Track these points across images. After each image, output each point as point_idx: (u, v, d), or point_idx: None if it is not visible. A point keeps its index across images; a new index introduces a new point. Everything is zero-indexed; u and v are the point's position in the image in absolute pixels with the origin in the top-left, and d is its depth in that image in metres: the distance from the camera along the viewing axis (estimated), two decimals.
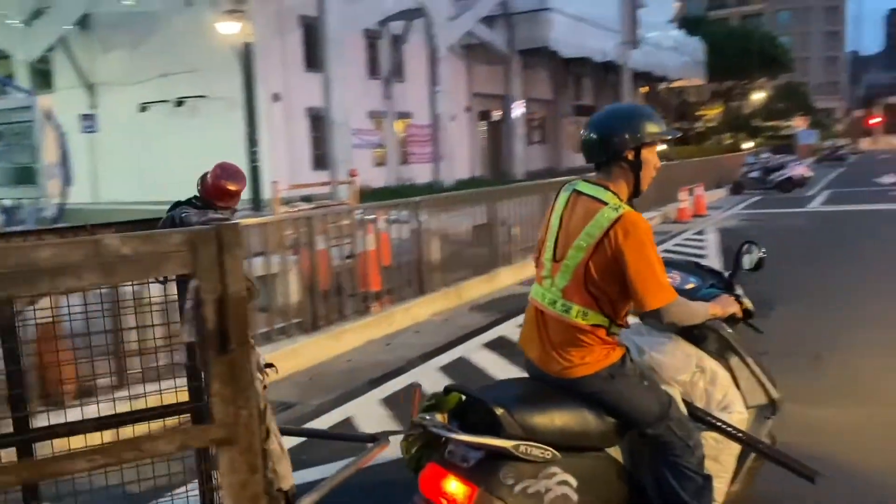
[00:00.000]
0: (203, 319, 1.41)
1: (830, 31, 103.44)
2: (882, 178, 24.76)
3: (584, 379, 2.41)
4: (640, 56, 34.40)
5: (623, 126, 2.49)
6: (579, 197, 2.51)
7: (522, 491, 2.26)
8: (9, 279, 1.26)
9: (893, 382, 4.78)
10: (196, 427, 1.59)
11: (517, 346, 2.76)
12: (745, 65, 58.65)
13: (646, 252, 2.34)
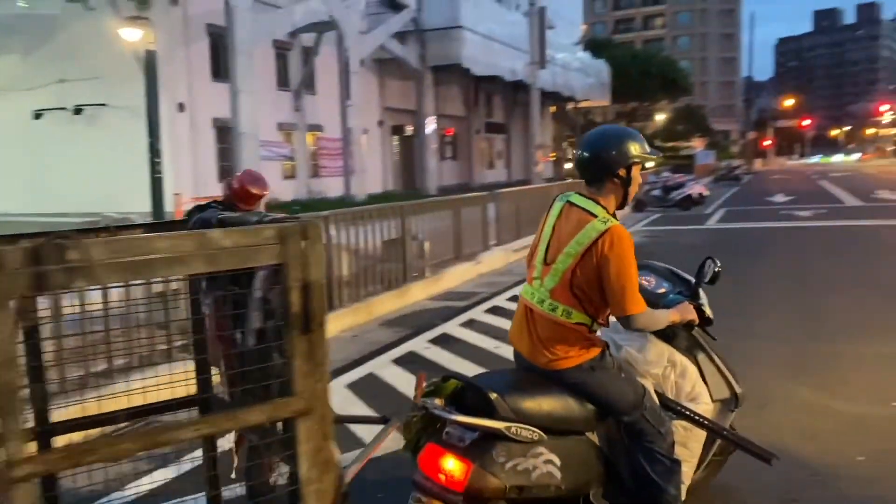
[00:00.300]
0: (289, 304, 1.73)
1: (726, 57, 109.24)
2: (774, 197, 26.22)
3: (568, 370, 2.69)
4: (549, 76, 35.32)
5: (615, 147, 2.77)
6: (572, 208, 2.78)
7: (513, 468, 2.53)
8: (132, 266, 1.55)
9: (784, 391, 5.02)
10: (282, 399, 1.83)
11: (426, 367, 2.83)
12: (648, 87, 61.08)
13: (626, 264, 2.63)
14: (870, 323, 6.87)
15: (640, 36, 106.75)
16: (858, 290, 8.52)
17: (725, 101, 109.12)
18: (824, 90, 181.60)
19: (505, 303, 8.53)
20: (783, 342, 6.32)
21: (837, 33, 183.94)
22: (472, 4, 29.49)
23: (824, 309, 7.59)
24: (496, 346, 6.45)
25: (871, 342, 6.14)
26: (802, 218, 17.96)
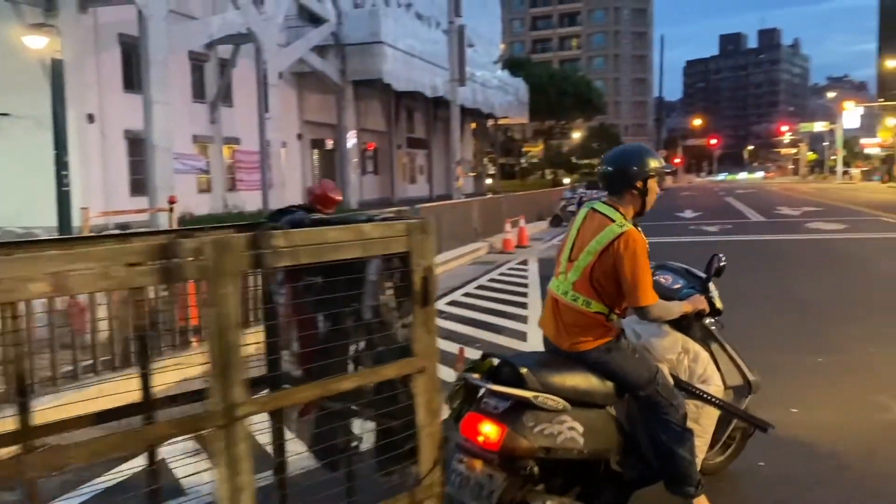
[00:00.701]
0: (412, 284, 2.29)
1: (639, 77, 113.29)
2: (683, 213, 27.26)
3: (589, 352, 3.10)
4: (469, 93, 35.81)
5: (633, 162, 3.21)
6: (595, 214, 3.22)
7: (540, 431, 2.92)
8: (314, 252, 2.10)
9: None
10: (407, 359, 2.40)
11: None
12: (564, 106, 62.66)
13: (639, 261, 3.04)
14: (777, 335, 7.22)
15: (556, 56, 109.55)
16: (765, 304, 8.94)
17: (638, 120, 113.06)
18: (730, 111, 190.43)
19: None
20: None
21: (741, 57, 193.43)
22: (393, 20, 29.66)
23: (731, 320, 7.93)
24: None
25: (783, 352, 6.46)
26: (710, 233, 18.75)
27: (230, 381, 1.95)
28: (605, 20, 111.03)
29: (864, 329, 7.21)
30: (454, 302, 9.57)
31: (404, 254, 2.32)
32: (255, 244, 1.99)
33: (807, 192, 47.55)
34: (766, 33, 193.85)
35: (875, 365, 6.00)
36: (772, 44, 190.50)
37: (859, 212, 24.91)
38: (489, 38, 47.77)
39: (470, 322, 8.14)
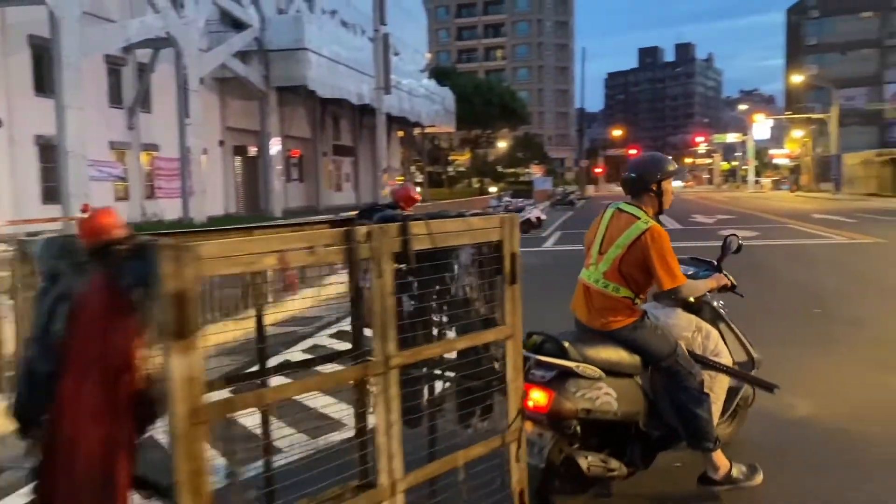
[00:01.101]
0: (504, 266, 2.83)
1: (561, 89, 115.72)
2: None
3: (618, 330, 3.61)
4: (396, 101, 35.85)
5: (648, 168, 3.80)
6: (621, 213, 3.75)
7: (581, 396, 3.42)
8: (441, 238, 2.61)
9: None
10: (500, 327, 2.92)
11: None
12: (490, 115, 63.47)
13: (666, 250, 3.56)
14: None
15: (482, 66, 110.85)
16: None
17: (561, 130, 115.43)
18: (648, 122, 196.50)
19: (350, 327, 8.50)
20: None
21: (659, 70, 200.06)
22: (317, 27, 29.44)
23: None
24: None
25: None
26: None
27: (387, 338, 2.46)
28: (528, 32, 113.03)
29: (773, 331, 7.54)
30: None
31: (498, 242, 2.87)
32: (404, 231, 2.51)
33: (721, 200, 49.50)
34: (682, 47, 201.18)
35: (784, 367, 6.28)
36: (687, 58, 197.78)
37: (769, 219, 26.10)
38: (415, 47, 47.98)
39: None
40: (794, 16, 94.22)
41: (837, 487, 3.89)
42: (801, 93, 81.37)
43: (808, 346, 6.96)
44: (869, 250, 15.45)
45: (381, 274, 2.43)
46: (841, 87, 69.06)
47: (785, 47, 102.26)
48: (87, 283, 1.98)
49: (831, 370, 6.17)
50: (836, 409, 5.12)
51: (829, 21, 79.51)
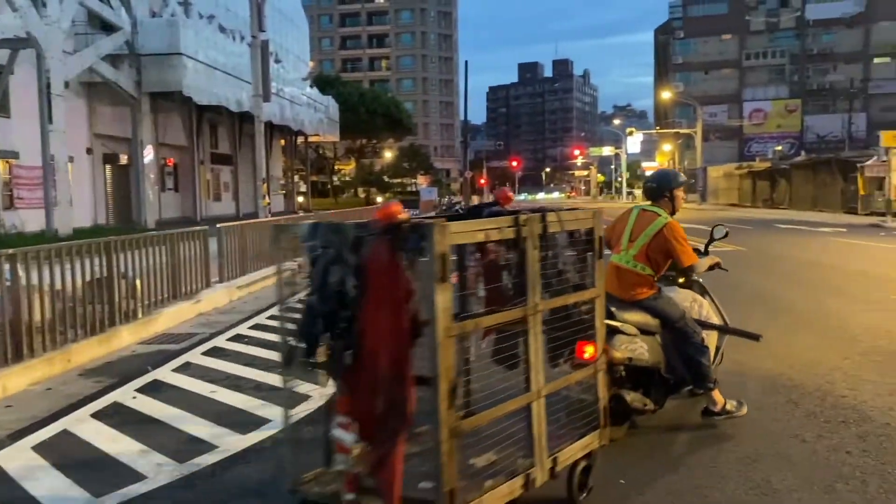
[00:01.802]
0: (593, 246, 3.75)
1: (446, 101, 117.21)
2: None
3: (643, 300, 4.71)
4: (277, 109, 35.10)
5: (664, 180, 5.10)
6: (645, 212, 4.91)
7: (625, 347, 4.40)
8: (556, 225, 3.57)
9: None
10: (593, 289, 3.82)
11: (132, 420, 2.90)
12: (375, 125, 63.34)
13: (682, 239, 4.77)
14: None
15: (366, 76, 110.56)
16: None
17: (446, 141, 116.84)
18: (529, 134, 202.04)
19: (226, 343, 8.15)
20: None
21: (538, 84, 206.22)
22: (193, 32, 28.42)
23: None
24: (212, 391, 6.12)
25: None
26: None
27: (535, 292, 3.39)
28: (412, 43, 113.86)
29: None
30: (259, 325, 9.23)
31: (590, 228, 3.78)
32: (543, 219, 3.43)
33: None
34: (560, 64, 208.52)
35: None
36: (565, 74, 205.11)
37: None
38: (298, 55, 47.23)
39: (273, 346, 7.87)
40: (661, 36, 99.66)
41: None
42: (669, 109, 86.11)
43: None
44: (732, 258, 16.45)
45: (534, 248, 3.37)
46: (705, 103, 73.63)
47: (654, 65, 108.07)
48: (372, 249, 2.92)
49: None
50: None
51: (693, 42, 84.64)
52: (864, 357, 6.53)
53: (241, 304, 11.10)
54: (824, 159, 41.89)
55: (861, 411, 5.03)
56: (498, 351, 3.53)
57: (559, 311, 3.62)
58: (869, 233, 22.92)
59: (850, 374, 5.98)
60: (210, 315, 10.05)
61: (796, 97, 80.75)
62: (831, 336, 7.45)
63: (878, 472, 3.99)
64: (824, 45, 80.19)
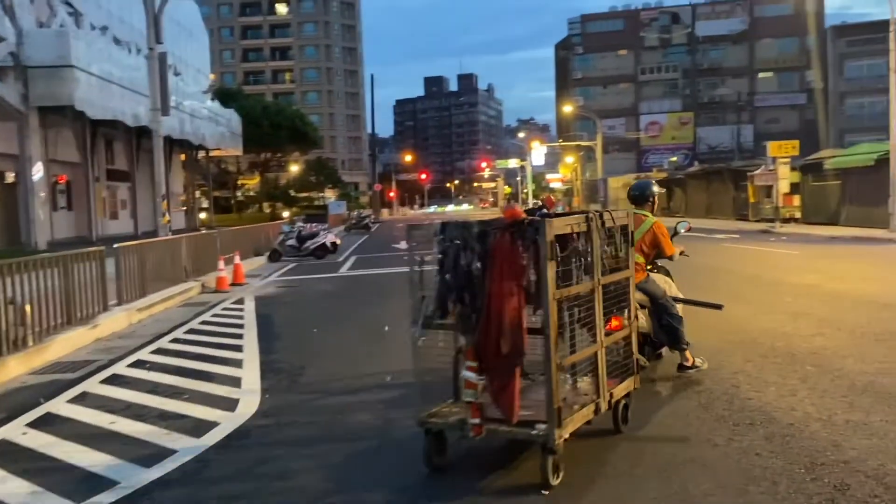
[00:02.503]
0: (630, 238, 5.07)
1: (352, 114, 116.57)
2: (399, 244, 28.37)
3: (637, 283, 5.59)
4: (177, 123, 33.93)
5: (646, 188, 6.61)
6: (636, 215, 5.99)
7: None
8: (609, 223, 4.91)
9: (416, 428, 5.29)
10: (626, 270, 5.05)
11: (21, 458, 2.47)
12: (280, 138, 62.21)
13: (666, 234, 6.30)
14: None
15: (270, 88, 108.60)
16: None
17: (354, 154, 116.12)
18: (437, 147, 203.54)
19: (126, 370, 7.72)
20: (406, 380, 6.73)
21: (444, 98, 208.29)
22: (85, 44, 27.17)
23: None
24: (112, 422, 5.75)
25: None
26: (426, 262, 19.65)
27: (598, 270, 4.47)
28: (316, 56, 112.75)
29: None
30: (161, 350, 8.81)
31: (625, 224, 4.95)
32: (601, 216, 4.55)
33: None
34: (465, 78, 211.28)
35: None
36: (470, 88, 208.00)
37: None
38: (198, 68, 45.88)
39: (177, 371, 7.52)
40: (561, 51, 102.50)
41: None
42: (570, 122, 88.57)
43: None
44: None
45: (597, 238, 4.46)
46: (604, 117, 76.23)
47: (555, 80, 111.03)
48: (497, 238, 4.04)
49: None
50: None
51: (591, 57, 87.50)
52: (765, 359, 6.81)
53: (141, 327, 10.59)
54: (716, 169, 44.00)
55: (766, 413, 5.22)
56: (573, 313, 4.54)
57: (609, 286, 4.69)
58: (760, 238, 24.18)
59: (754, 376, 6.22)
60: (108, 340, 9.53)
61: (689, 110, 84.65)
62: (733, 339, 7.74)
63: (787, 472, 4.13)
64: (713, 60, 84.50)
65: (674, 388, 5.96)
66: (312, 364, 7.68)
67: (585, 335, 4.58)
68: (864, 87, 65.62)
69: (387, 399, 6.16)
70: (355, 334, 9.46)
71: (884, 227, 23.58)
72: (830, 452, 4.38)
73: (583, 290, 4.41)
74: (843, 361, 6.58)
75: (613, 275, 4.75)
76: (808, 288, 11.52)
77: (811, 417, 5.05)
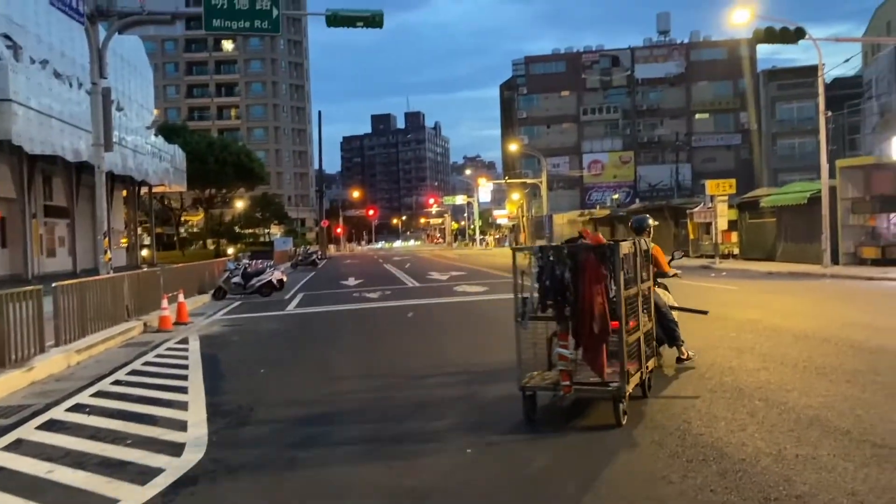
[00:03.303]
0: (649, 258, 7.71)
1: (299, 150, 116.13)
2: (347, 281, 28.13)
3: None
4: (119, 159, 33.27)
5: (644, 221, 8.50)
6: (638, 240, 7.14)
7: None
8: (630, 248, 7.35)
9: (363, 473, 5.19)
10: (643, 283, 7.28)
11: None
12: (225, 175, 61.53)
13: (662, 255, 8.44)
14: (430, 400, 7.61)
15: (215, 125, 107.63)
16: (424, 369, 9.42)
17: (301, 191, 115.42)
18: (384, 184, 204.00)
19: (64, 414, 7.40)
20: (359, 423, 6.62)
21: (392, 135, 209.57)
22: (24, 77, 26.53)
23: (395, 388, 8.22)
24: (49, 471, 5.47)
25: (432, 419, 6.78)
26: (372, 299, 19.54)
27: (640, 278, 6.73)
28: (263, 92, 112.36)
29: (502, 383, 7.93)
30: (101, 392, 8.48)
31: (647, 248, 7.20)
32: (636, 245, 6.71)
33: (452, 258, 52.46)
34: (412, 116, 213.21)
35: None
36: (417, 125, 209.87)
37: (496, 275, 28.12)
38: (141, 103, 45.18)
39: (119, 415, 7.24)
40: (506, 91, 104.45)
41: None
42: (516, 160, 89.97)
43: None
44: None
45: (640, 258, 6.55)
46: (548, 155, 77.68)
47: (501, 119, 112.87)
48: (584, 258, 5.89)
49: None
50: None
51: (535, 97, 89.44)
52: (714, 394, 6.93)
53: (80, 369, 10.20)
54: (657, 206, 45.12)
55: (718, 448, 5.29)
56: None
57: (645, 291, 6.95)
58: (701, 273, 24.78)
59: (704, 411, 6.31)
60: (45, 383, 9.14)
61: (629, 149, 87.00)
62: (682, 374, 7.86)
63: None
64: (652, 101, 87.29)
65: (629, 424, 6.00)
66: (261, 406, 7.49)
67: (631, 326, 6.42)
68: (794, 128, 68.53)
69: (340, 439, 6.03)
70: (304, 374, 9.29)
71: (817, 263, 24.45)
72: (783, 487, 4.45)
73: (633, 293, 6.45)
74: (788, 395, 6.74)
75: (643, 284, 6.87)
76: (751, 323, 11.81)
77: (762, 452, 5.14)
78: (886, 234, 25.39)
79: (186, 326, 14.98)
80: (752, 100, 79.83)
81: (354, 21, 17.75)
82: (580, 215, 61.16)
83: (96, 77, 16.83)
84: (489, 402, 7.25)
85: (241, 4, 17.09)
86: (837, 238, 25.07)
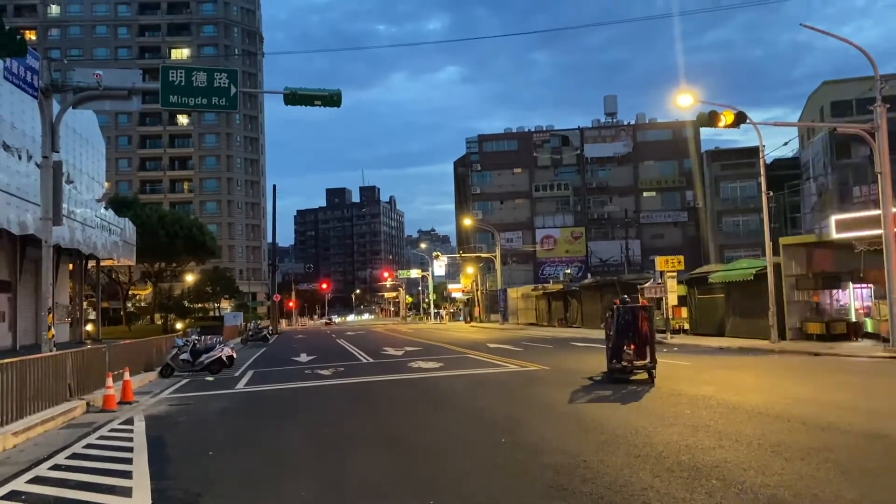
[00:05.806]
0: (662, 310, 31.27)
1: (252, 223, 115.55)
2: (299, 357, 27.60)
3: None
4: (67, 232, 32.58)
5: (636, 299, 20.94)
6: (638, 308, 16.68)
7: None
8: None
9: None
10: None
11: None
12: (175, 248, 60.63)
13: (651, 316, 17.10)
14: (390, 484, 7.42)
15: (167, 198, 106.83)
16: (378, 448, 9.21)
17: (253, 264, 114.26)
18: (339, 257, 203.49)
19: None
20: None
21: (347, 209, 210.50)
22: None
23: (349, 469, 8.00)
24: None
25: (394, 501, 6.59)
26: (325, 376, 19.18)
27: (653, 322, 17.20)
28: (217, 166, 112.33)
29: (456, 462, 7.79)
30: (39, 478, 8.05)
31: (660, 297, 30.71)
32: (646, 310, 16.14)
33: (407, 332, 52.08)
34: (367, 190, 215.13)
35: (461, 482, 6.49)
36: (372, 199, 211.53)
37: (452, 350, 27.92)
38: (92, 176, 44.64)
39: (59, 503, 6.87)
40: (460, 167, 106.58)
41: None
42: (470, 234, 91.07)
43: (494, 474, 7.27)
44: (538, 377, 17.15)
45: (654, 311, 18.51)
46: (502, 230, 78.82)
47: (455, 194, 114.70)
48: (638, 311, 15.76)
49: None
50: None
51: (489, 174, 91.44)
52: (671, 473, 6.91)
53: (17, 453, 9.70)
54: (608, 281, 45.87)
55: None
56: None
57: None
58: None
59: (663, 492, 6.28)
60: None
61: (580, 225, 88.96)
62: (640, 454, 7.84)
63: None
64: (601, 179, 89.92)
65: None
66: (209, 491, 7.19)
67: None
68: (737, 206, 71.00)
69: None
70: (254, 457, 8.98)
71: (766, 338, 25.00)
72: None
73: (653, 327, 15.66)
74: (745, 474, 6.77)
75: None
76: (705, 399, 11.92)
77: None
78: (829, 309, 26.19)
79: (132, 405, 14.44)
80: (699, 179, 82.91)
81: (312, 100, 18.00)
82: (534, 289, 61.70)
83: (48, 151, 16.64)
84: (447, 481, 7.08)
85: (199, 81, 17.23)
86: (784, 313, 25.74)
